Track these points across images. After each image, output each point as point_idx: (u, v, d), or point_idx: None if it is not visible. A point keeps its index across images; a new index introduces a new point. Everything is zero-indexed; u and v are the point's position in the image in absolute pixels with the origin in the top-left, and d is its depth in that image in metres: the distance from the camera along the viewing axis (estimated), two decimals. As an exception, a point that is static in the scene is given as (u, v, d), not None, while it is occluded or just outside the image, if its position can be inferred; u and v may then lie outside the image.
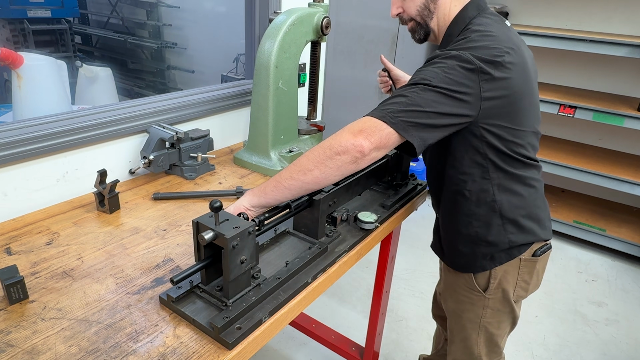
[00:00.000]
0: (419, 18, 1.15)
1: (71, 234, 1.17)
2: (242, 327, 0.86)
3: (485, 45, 1.00)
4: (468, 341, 1.38)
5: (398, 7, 1.19)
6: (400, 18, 1.20)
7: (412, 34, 1.21)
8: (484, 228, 1.18)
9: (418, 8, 1.14)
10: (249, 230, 0.87)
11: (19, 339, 0.83)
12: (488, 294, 1.26)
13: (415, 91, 0.98)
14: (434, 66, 1.00)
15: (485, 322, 1.32)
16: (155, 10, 4.34)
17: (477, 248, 1.21)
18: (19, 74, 1.82)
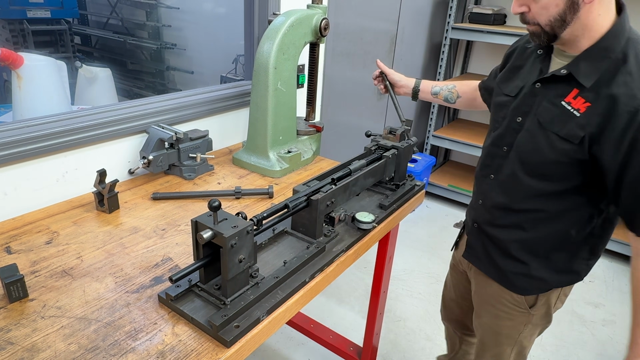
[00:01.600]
0: (547, 27, 1.00)
1: (71, 233, 1.18)
2: (240, 325, 0.87)
3: None
4: (501, 356, 1.35)
5: (522, 5, 1.02)
6: (523, 18, 1.05)
7: (531, 36, 1.07)
8: (569, 258, 1.17)
9: (550, 18, 0.99)
10: (248, 229, 0.88)
11: (19, 336, 0.84)
12: (533, 310, 1.24)
13: None
14: None
15: (522, 337, 1.30)
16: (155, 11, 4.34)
17: (552, 276, 1.19)
18: (19, 74, 1.83)
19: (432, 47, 3.54)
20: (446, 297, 1.67)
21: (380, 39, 2.83)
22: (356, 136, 2.86)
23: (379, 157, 1.41)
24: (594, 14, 0.97)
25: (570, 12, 0.97)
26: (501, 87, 1.22)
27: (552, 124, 1.05)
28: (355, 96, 2.79)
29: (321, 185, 1.18)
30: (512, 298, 1.25)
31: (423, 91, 1.57)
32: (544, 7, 0.98)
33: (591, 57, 1.00)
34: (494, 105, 1.25)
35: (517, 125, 1.14)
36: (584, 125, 1.00)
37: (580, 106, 1.01)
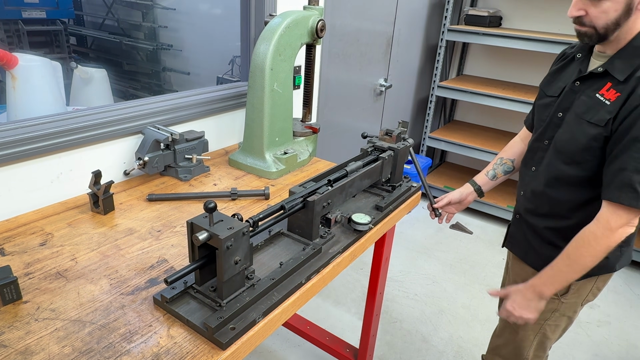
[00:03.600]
0: (603, 30, 1.07)
1: (65, 235, 1.17)
2: (236, 327, 0.87)
3: None
4: (522, 342, 1.38)
5: (580, 9, 1.08)
6: (579, 20, 1.10)
7: (581, 36, 1.13)
8: None
9: (608, 22, 1.05)
10: (243, 231, 0.88)
11: (12, 339, 0.83)
12: (564, 298, 1.29)
13: None
14: None
15: (546, 325, 1.33)
16: (151, 12, 4.33)
17: None
18: (14, 74, 1.81)
19: (428, 49, 3.55)
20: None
21: (377, 41, 2.84)
22: (352, 137, 2.86)
23: (376, 158, 1.41)
24: (637, 18, 1.06)
25: (625, 17, 1.04)
26: (545, 90, 1.32)
27: (586, 114, 1.14)
28: (351, 97, 2.79)
29: (317, 186, 1.18)
30: None
31: (484, 185, 1.56)
32: (604, 12, 1.04)
33: (626, 55, 1.09)
34: (538, 107, 1.34)
35: (558, 120, 1.23)
36: (611, 110, 1.09)
37: (611, 96, 1.09)
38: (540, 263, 1.28)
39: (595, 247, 1.10)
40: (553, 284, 1.18)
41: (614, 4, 1.03)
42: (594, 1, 1.05)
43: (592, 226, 1.11)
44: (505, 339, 1.45)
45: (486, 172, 1.56)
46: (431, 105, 3.64)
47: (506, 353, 1.45)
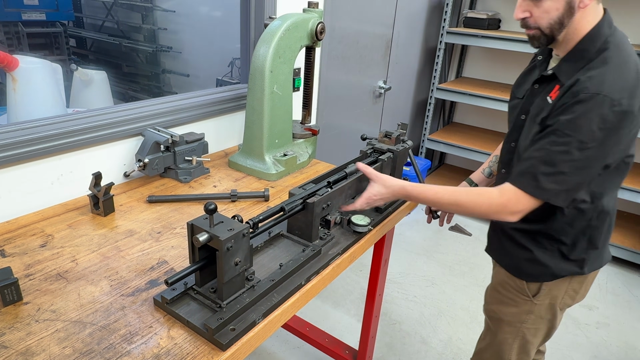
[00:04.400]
0: (547, 30, 1.09)
1: (65, 237, 1.17)
2: (235, 328, 0.87)
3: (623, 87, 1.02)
4: (502, 345, 1.38)
5: (525, 10, 1.10)
6: (524, 23, 1.12)
7: (531, 40, 1.15)
8: (568, 248, 1.21)
9: (551, 21, 1.07)
10: (243, 232, 0.88)
11: (13, 340, 0.83)
12: (536, 299, 1.28)
13: None
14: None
15: (524, 328, 1.33)
16: (151, 14, 4.34)
17: (550, 262, 1.23)
18: (14, 76, 1.82)
19: (427, 51, 3.56)
20: None
21: (376, 43, 2.85)
22: (352, 139, 2.87)
23: (375, 160, 1.41)
24: (585, 18, 1.07)
25: (568, 16, 1.05)
26: (514, 92, 1.33)
27: (537, 117, 1.14)
28: (351, 99, 2.80)
29: (317, 188, 1.19)
30: (515, 284, 1.30)
31: (480, 182, 1.56)
32: (546, 11, 1.06)
33: (571, 58, 1.10)
34: (509, 108, 1.36)
35: (521, 122, 1.23)
36: (549, 109, 1.10)
37: (554, 96, 1.11)
38: (512, 265, 1.30)
39: (481, 209, 1.11)
40: (420, 197, 1.18)
41: (554, 3, 1.04)
42: (536, 2, 1.06)
43: (494, 193, 1.10)
44: (487, 342, 1.45)
45: (482, 169, 1.56)
46: (430, 107, 3.65)
47: (488, 357, 1.45)
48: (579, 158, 1.01)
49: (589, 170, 1.05)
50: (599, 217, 1.19)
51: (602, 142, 1.01)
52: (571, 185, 1.05)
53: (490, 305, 1.40)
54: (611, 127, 1.00)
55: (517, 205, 1.08)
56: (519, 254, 1.27)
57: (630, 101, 1.01)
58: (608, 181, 1.14)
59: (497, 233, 1.37)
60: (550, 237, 1.22)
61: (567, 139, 1.01)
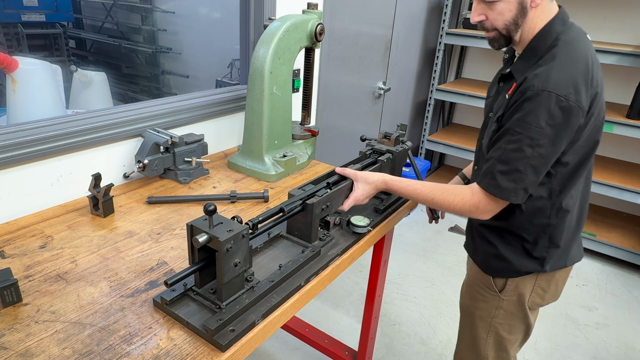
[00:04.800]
0: (504, 31, 1.13)
1: (65, 238, 1.17)
2: (235, 329, 0.87)
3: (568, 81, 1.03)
4: (476, 339, 1.40)
5: (480, 14, 1.14)
6: (482, 26, 1.16)
7: (490, 41, 1.19)
8: (530, 244, 1.23)
9: (506, 22, 1.11)
10: (243, 233, 0.88)
11: (13, 341, 0.83)
12: (503, 295, 1.31)
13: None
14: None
15: (496, 323, 1.35)
16: (150, 15, 4.34)
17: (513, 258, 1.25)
18: (14, 78, 1.82)
19: (427, 52, 3.57)
20: None
21: (375, 44, 2.85)
22: (351, 140, 2.87)
23: (374, 161, 1.42)
24: (539, 17, 1.11)
25: (521, 16, 1.10)
26: (489, 91, 1.36)
27: (496, 114, 1.17)
28: (350, 101, 2.80)
29: (316, 189, 1.19)
30: (484, 279, 1.34)
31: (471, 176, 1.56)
32: (500, 13, 1.10)
33: (524, 56, 1.14)
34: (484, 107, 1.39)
35: (488, 120, 1.27)
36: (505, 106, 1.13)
37: (510, 93, 1.13)
38: (481, 260, 1.34)
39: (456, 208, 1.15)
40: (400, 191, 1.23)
41: (507, 5, 1.08)
42: (489, 4, 1.10)
43: (467, 193, 1.14)
44: (464, 340, 1.47)
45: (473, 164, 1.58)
46: (430, 108, 3.65)
47: (468, 355, 1.46)
48: (531, 155, 1.04)
49: (543, 167, 1.07)
50: (558, 216, 1.20)
51: (552, 138, 1.04)
52: (527, 182, 1.07)
53: (464, 300, 1.44)
54: (560, 123, 1.02)
55: (487, 205, 1.12)
56: (487, 249, 1.31)
57: (577, 97, 1.02)
58: (567, 179, 1.16)
59: (472, 229, 1.40)
60: (513, 233, 1.24)
61: (519, 136, 1.04)
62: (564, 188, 1.17)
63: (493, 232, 1.29)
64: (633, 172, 3.14)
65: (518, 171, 1.06)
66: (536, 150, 1.04)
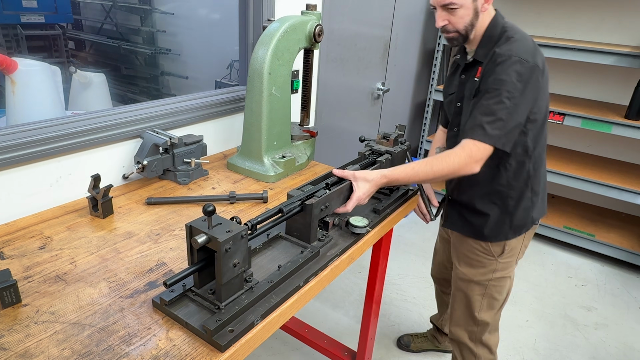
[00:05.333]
0: (464, 31, 1.39)
1: (64, 239, 1.17)
2: (234, 329, 0.87)
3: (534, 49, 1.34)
4: (472, 305, 1.61)
5: (444, 19, 1.38)
6: (444, 29, 1.41)
7: (450, 40, 1.44)
8: (515, 200, 1.47)
9: (465, 24, 1.38)
10: (242, 234, 0.88)
11: (12, 342, 0.83)
12: (501, 258, 1.54)
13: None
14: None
15: (491, 285, 1.57)
16: (150, 17, 4.34)
17: (505, 217, 1.48)
18: (13, 79, 1.82)
19: (426, 53, 3.57)
20: (436, 261, 2.01)
21: (374, 45, 2.86)
22: (350, 141, 2.87)
23: (373, 162, 1.42)
24: (485, 18, 1.40)
25: (475, 19, 1.38)
26: (446, 91, 1.62)
27: (470, 95, 1.41)
28: (349, 101, 2.80)
29: (315, 189, 1.19)
30: (482, 247, 1.54)
31: None
32: (461, 17, 1.37)
33: (483, 44, 1.41)
34: (445, 105, 1.64)
35: (458, 109, 1.51)
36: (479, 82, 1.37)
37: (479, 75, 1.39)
38: (475, 231, 1.54)
39: (454, 166, 1.28)
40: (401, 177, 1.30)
41: (466, 11, 1.35)
42: (452, 11, 1.36)
43: (458, 150, 1.29)
44: (459, 309, 1.66)
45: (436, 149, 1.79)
46: (428, 109, 3.65)
47: (463, 321, 1.66)
48: (510, 105, 1.26)
49: (519, 117, 1.29)
50: (534, 167, 1.45)
51: (523, 91, 1.27)
52: (509, 128, 1.28)
53: (461, 269, 1.61)
54: (527, 79, 1.28)
55: (477, 153, 1.27)
56: (479, 220, 1.52)
57: (534, 59, 1.30)
58: (537, 135, 1.42)
59: (456, 207, 1.60)
60: (501, 194, 1.47)
61: (497, 92, 1.27)
62: (536, 144, 1.42)
63: (482, 201, 1.50)
64: (632, 173, 3.15)
65: (501, 120, 1.26)
66: (512, 102, 1.26)
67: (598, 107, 3.10)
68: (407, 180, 1.30)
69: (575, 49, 2.88)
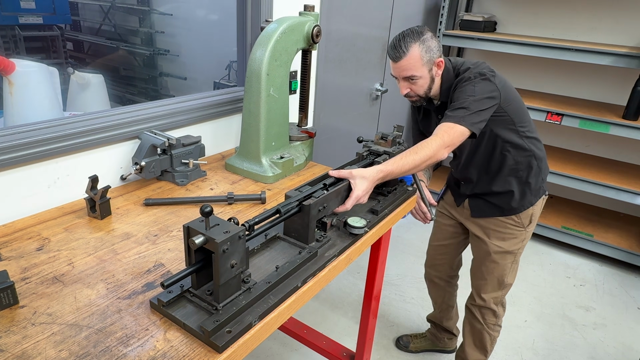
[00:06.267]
0: (424, 95, 1.59)
1: (62, 240, 1.17)
2: (232, 330, 0.87)
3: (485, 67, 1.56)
4: (505, 271, 1.81)
5: (407, 88, 1.56)
6: (408, 95, 1.59)
7: (414, 102, 1.64)
8: (526, 171, 1.67)
9: (425, 89, 1.56)
10: (239, 234, 0.88)
11: (9, 343, 0.83)
12: (528, 227, 1.75)
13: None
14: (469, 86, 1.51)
15: (519, 253, 1.79)
16: (148, 18, 4.33)
17: (525, 187, 1.68)
18: (11, 80, 1.82)
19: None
20: (436, 248, 2.08)
21: (373, 46, 2.86)
22: (348, 142, 2.87)
23: (371, 162, 1.42)
24: (439, 76, 1.58)
25: (432, 82, 1.57)
26: (426, 130, 1.79)
27: None
28: (347, 102, 2.81)
29: (313, 190, 1.19)
30: (513, 221, 1.74)
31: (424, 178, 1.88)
32: (421, 86, 1.56)
33: (444, 92, 1.60)
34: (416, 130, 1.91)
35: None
36: None
37: None
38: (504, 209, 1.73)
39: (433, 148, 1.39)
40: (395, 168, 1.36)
41: (424, 80, 1.54)
42: (412, 82, 1.54)
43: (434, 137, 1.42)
44: (490, 279, 1.83)
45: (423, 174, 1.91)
46: (427, 110, 3.66)
47: (491, 288, 1.85)
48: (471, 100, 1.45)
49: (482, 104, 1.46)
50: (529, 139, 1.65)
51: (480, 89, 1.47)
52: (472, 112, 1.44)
53: (496, 243, 1.78)
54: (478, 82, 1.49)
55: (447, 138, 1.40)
56: (505, 198, 1.71)
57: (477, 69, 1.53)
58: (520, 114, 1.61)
59: (479, 198, 1.79)
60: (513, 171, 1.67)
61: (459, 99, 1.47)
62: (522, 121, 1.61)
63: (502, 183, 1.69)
64: (630, 173, 3.15)
65: (463, 108, 1.44)
66: (472, 97, 1.46)
67: (596, 108, 3.11)
68: (399, 170, 1.35)
69: (572, 50, 2.88)
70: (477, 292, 1.91)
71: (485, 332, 1.92)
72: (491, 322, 1.91)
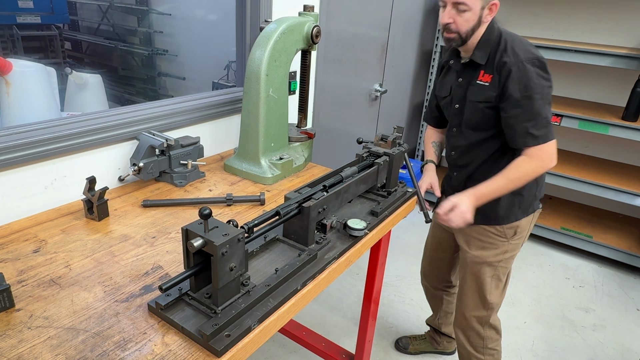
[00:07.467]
0: (464, 35, 1.44)
1: (59, 242, 1.16)
2: (231, 334, 0.86)
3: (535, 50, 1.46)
4: (483, 287, 1.69)
5: (450, 17, 1.42)
6: (447, 27, 1.44)
7: (448, 41, 1.48)
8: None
9: (468, 28, 1.42)
10: (238, 237, 0.87)
11: (5, 348, 0.82)
12: (512, 240, 1.64)
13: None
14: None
15: (499, 267, 1.66)
16: (147, 17, 4.32)
17: (515, 198, 1.57)
18: (8, 80, 1.81)
19: (423, 54, 3.57)
20: (431, 258, 2.03)
21: (372, 46, 2.85)
22: (348, 143, 2.86)
23: (371, 163, 1.41)
24: (483, 27, 1.46)
25: (477, 26, 1.44)
26: (440, 94, 1.70)
27: (476, 97, 1.51)
28: (347, 103, 2.80)
29: (313, 192, 1.18)
30: (496, 230, 1.63)
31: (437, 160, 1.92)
32: (467, 20, 1.41)
33: (481, 47, 1.48)
34: (443, 107, 1.72)
35: (456, 111, 1.61)
36: (493, 89, 1.46)
37: (487, 79, 1.48)
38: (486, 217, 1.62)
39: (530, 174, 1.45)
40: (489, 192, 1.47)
41: (472, 15, 1.40)
42: (460, 13, 1.40)
43: (525, 160, 1.44)
44: (470, 293, 1.73)
45: (433, 151, 1.93)
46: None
47: (473, 304, 1.73)
48: (543, 103, 1.41)
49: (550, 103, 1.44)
50: None
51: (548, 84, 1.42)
52: (549, 120, 1.43)
53: (473, 253, 1.68)
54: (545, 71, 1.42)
55: (547, 156, 1.42)
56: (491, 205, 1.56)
57: (537, 51, 1.43)
58: None
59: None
60: None
61: (528, 97, 1.39)
62: None
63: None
64: (629, 174, 3.15)
65: (541, 116, 1.40)
66: (544, 98, 1.40)
67: (595, 109, 3.11)
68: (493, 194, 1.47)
69: (572, 51, 2.88)
70: (460, 310, 1.80)
71: (474, 358, 1.80)
72: (479, 345, 1.77)
